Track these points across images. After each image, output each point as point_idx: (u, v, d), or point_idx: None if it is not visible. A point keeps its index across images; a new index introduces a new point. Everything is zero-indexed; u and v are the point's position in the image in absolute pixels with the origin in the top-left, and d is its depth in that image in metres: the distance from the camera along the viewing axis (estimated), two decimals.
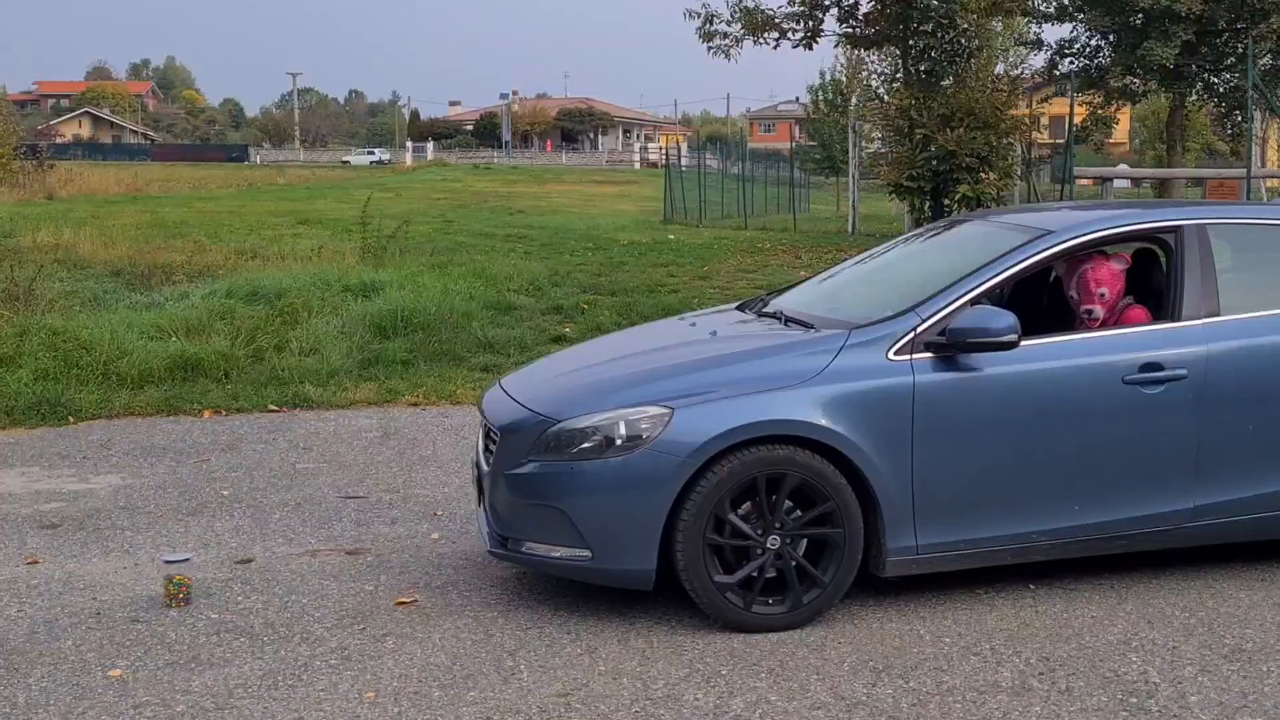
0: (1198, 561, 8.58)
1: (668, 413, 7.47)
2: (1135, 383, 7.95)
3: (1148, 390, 7.96)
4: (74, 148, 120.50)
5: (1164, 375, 7.98)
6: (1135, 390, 7.95)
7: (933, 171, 32.77)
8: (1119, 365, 7.99)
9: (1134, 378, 7.95)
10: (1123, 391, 7.95)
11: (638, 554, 7.45)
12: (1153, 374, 7.97)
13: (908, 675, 6.94)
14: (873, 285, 9.39)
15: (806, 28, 37.34)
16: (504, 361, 15.83)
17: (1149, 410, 8.00)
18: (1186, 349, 8.09)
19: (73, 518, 9.94)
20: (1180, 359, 8.05)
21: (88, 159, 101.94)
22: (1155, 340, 8.12)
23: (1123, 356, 8.01)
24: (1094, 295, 8.36)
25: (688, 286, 23.79)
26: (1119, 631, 7.57)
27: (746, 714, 6.47)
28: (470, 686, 6.80)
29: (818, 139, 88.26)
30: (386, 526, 9.72)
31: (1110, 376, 7.97)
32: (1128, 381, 7.94)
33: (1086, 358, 8.03)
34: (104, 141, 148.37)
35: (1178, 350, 8.08)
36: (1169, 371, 7.99)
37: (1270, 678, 6.91)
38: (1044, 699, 6.65)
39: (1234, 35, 40.34)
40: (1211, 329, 8.17)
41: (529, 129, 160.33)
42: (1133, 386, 7.95)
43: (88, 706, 6.57)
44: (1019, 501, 7.87)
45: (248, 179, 78.87)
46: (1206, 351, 8.10)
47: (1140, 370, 7.97)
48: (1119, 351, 8.04)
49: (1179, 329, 8.18)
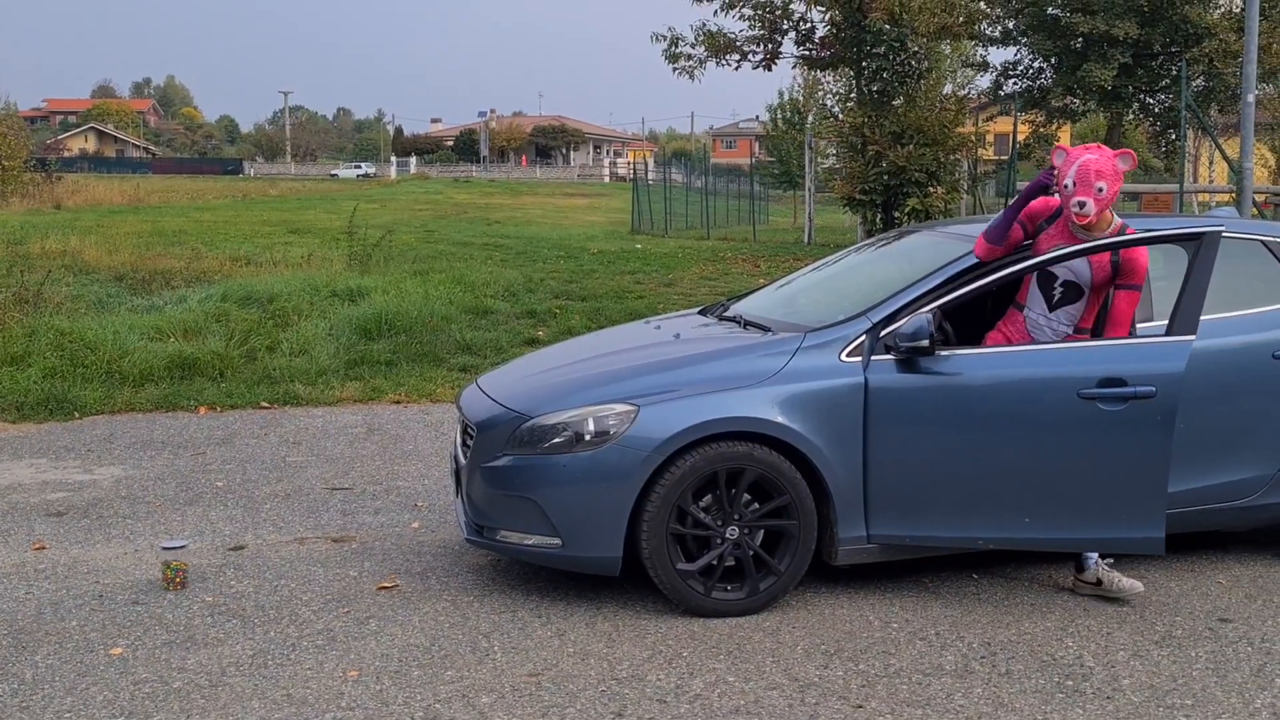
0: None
1: (634, 410, 7.48)
2: (1091, 398, 7.48)
3: (1108, 407, 7.52)
4: (80, 161, 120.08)
5: (1125, 392, 7.45)
6: (1093, 406, 7.52)
7: (884, 186, 32.80)
8: (1074, 376, 7.56)
9: (1090, 392, 7.47)
10: (1074, 403, 7.52)
11: (605, 542, 7.45)
12: (1114, 389, 7.48)
13: (857, 658, 6.93)
14: (827, 291, 9.36)
15: (766, 50, 37.34)
16: (481, 362, 15.81)
17: (1109, 428, 7.55)
18: (1150, 365, 7.51)
19: (77, 506, 9.92)
20: (1145, 375, 7.50)
21: (93, 171, 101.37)
22: (1108, 354, 7.63)
23: (1076, 365, 7.62)
24: (1091, 187, 7.47)
25: (653, 293, 23.76)
26: (1056, 618, 7.58)
27: (706, 693, 6.46)
28: (447, 666, 6.78)
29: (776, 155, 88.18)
30: (370, 516, 9.70)
31: (1065, 389, 7.54)
32: (1084, 396, 7.50)
33: (1032, 368, 7.72)
34: (108, 155, 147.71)
35: (1142, 366, 7.53)
36: (1134, 388, 7.47)
37: (1198, 663, 6.92)
38: (985, 681, 6.65)
39: (1168, 59, 40.45)
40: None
41: (505, 145, 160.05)
42: (1089, 402, 7.49)
43: (90, 682, 6.55)
44: (967, 504, 7.66)
45: (242, 191, 78.55)
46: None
47: (1099, 385, 7.50)
48: (1074, 361, 7.69)
49: (1139, 345, 7.71)
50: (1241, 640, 7.25)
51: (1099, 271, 7.68)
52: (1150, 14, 38.64)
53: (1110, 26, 38.07)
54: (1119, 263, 7.64)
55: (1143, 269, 7.69)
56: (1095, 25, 38.49)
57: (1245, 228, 9.02)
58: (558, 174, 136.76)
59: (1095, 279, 7.69)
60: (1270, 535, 8.98)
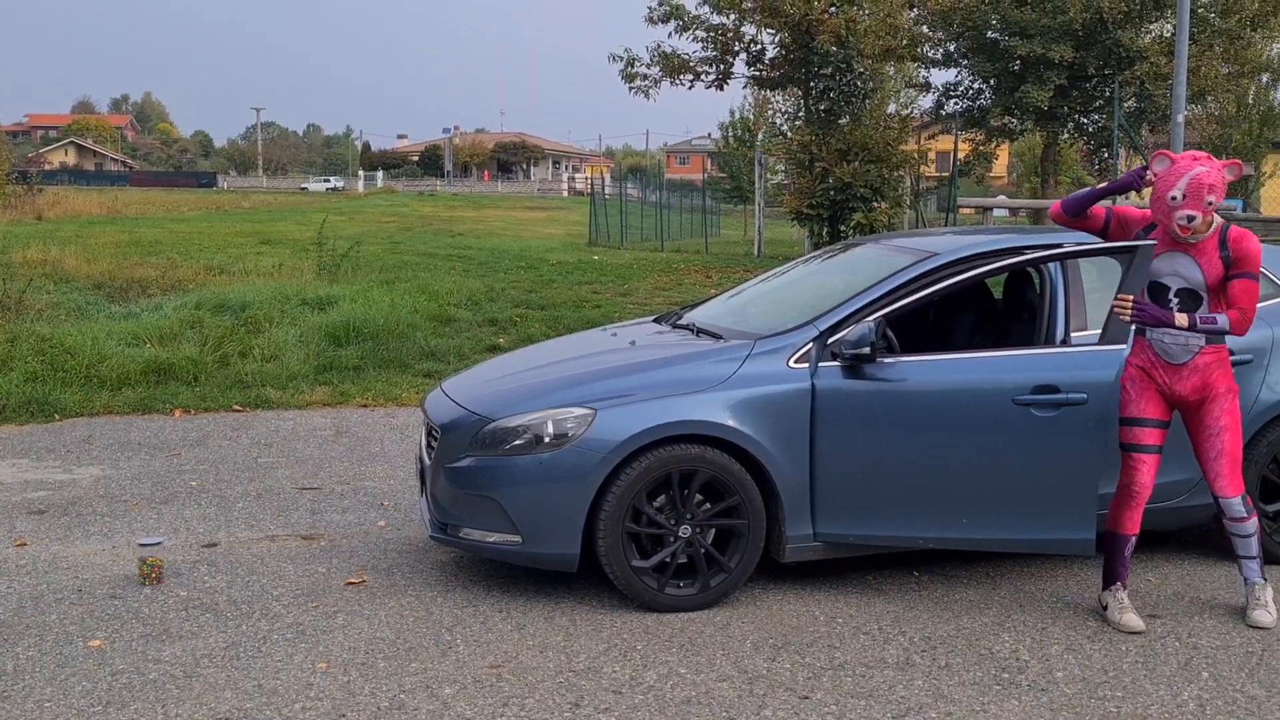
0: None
1: (591, 413, 7.49)
2: (1026, 403, 7.57)
3: (1041, 414, 7.57)
4: (61, 174, 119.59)
5: (1060, 398, 7.55)
6: (1028, 412, 7.58)
7: (830, 201, 32.83)
8: (1010, 383, 7.63)
9: (1025, 398, 7.57)
10: (1011, 409, 7.58)
11: (563, 540, 7.45)
12: (1048, 396, 7.57)
13: (804, 651, 6.95)
14: (776, 301, 9.36)
15: (718, 71, 37.32)
16: (445, 368, 15.75)
17: (1044, 433, 7.60)
18: (1084, 373, 7.63)
19: (57, 505, 9.87)
20: (1078, 382, 7.60)
21: (73, 184, 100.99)
22: (1042, 363, 7.74)
23: (1012, 373, 7.69)
24: (1201, 201, 7.07)
25: (610, 302, 23.75)
26: (994, 614, 7.61)
27: (659, 685, 6.46)
28: (412, 658, 6.77)
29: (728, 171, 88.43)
30: (338, 515, 9.68)
31: (1000, 395, 7.62)
32: (1019, 403, 7.57)
33: (974, 374, 7.76)
34: (88, 168, 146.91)
35: (1075, 374, 7.64)
36: (1066, 395, 7.57)
37: (1128, 656, 6.95)
38: (926, 674, 6.67)
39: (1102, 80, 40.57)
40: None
41: (469, 160, 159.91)
42: (1024, 408, 7.57)
43: (70, 673, 6.52)
44: (909, 503, 7.69)
45: (216, 203, 78.34)
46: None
47: (1033, 392, 7.59)
48: (1009, 369, 7.72)
49: (1070, 353, 7.81)
50: (1169, 635, 7.28)
51: (1211, 271, 7.26)
52: (1085, 38, 38.78)
53: (1047, 50, 38.20)
54: (1229, 257, 7.23)
55: (1255, 255, 7.25)
56: (1032, 49, 38.63)
57: None
58: (518, 188, 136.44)
59: (1209, 280, 7.27)
60: (1197, 535, 9.02)
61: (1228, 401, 7.36)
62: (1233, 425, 7.36)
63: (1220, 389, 7.35)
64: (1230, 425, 7.35)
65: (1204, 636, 7.27)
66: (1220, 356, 7.39)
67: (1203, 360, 7.34)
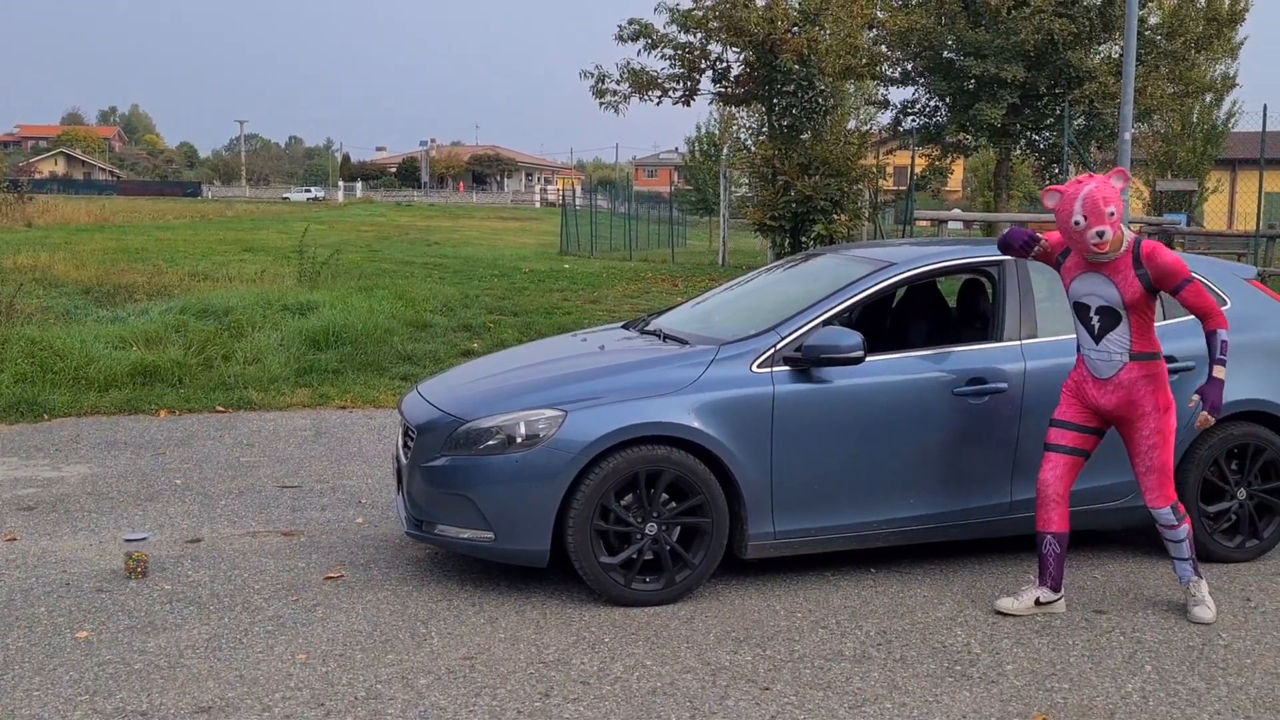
0: (1014, 550, 8.66)
1: (562, 415, 7.50)
2: (963, 394, 8.03)
3: (973, 400, 8.05)
4: (50, 183, 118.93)
5: (987, 388, 8.08)
6: (963, 400, 8.03)
7: (792, 213, 32.90)
8: (949, 379, 8.06)
9: (963, 390, 8.03)
10: (952, 401, 8.03)
11: (534, 536, 7.46)
12: (978, 386, 8.06)
13: (764, 645, 6.96)
14: (740, 308, 9.38)
15: (685, 87, 37.26)
16: (421, 371, 15.74)
17: (974, 417, 8.10)
18: (1007, 365, 8.19)
19: (46, 501, 9.84)
20: (1001, 374, 8.16)
21: (62, 193, 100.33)
22: (981, 358, 8.22)
23: (953, 371, 8.08)
24: (1103, 215, 7.05)
25: (580, 308, 23.74)
26: (947, 609, 7.63)
27: (626, 676, 6.48)
28: (388, 650, 6.78)
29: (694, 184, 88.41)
30: (318, 512, 9.67)
31: (942, 389, 8.04)
32: (957, 393, 8.02)
33: (921, 373, 8.08)
34: (76, 178, 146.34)
35: (999, 366, 8.18)
36: (992, 385, 8.09)
37: (1075, 650, 6.98)
38: (881, 666, 6.69)
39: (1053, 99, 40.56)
40: (1029, 348, 8.27)
41: (445, 172, 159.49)
42: (961, 398, 8.03)
43: (58, 664, 6.51)
44: (862, 495, 7.94)
45: (201, 212, 78.09)
46: (1024, 368, 8.19)
47: (968, 383, 8.05)
48: (950, 367, 8.10)
49: (1001, 348, 8.26)
50: (1114, 630, 7.32)
51: (1127, 288, 7.23)
52: (1036, 58, 38.83)
53: (1000, 70, 38.25)
54: (1148, 275, 7.19)
55: (1175, 263, 7.19)
56: (986, 68, 38.67)
57: None
58: (493, 199, 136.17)
59: (1126, 297, 7.24)
60: (1140, 534, 9.07)
61: (1156, 420, 7.36)
62: (1162, 442, 7.37)
63: (1147, 407, 7.35)
64: (1159, 443, 7.37)
65: (1148, 631, 7.30)
66: (1149, 372, 7.37)
67: (1127, 376, 7.36)
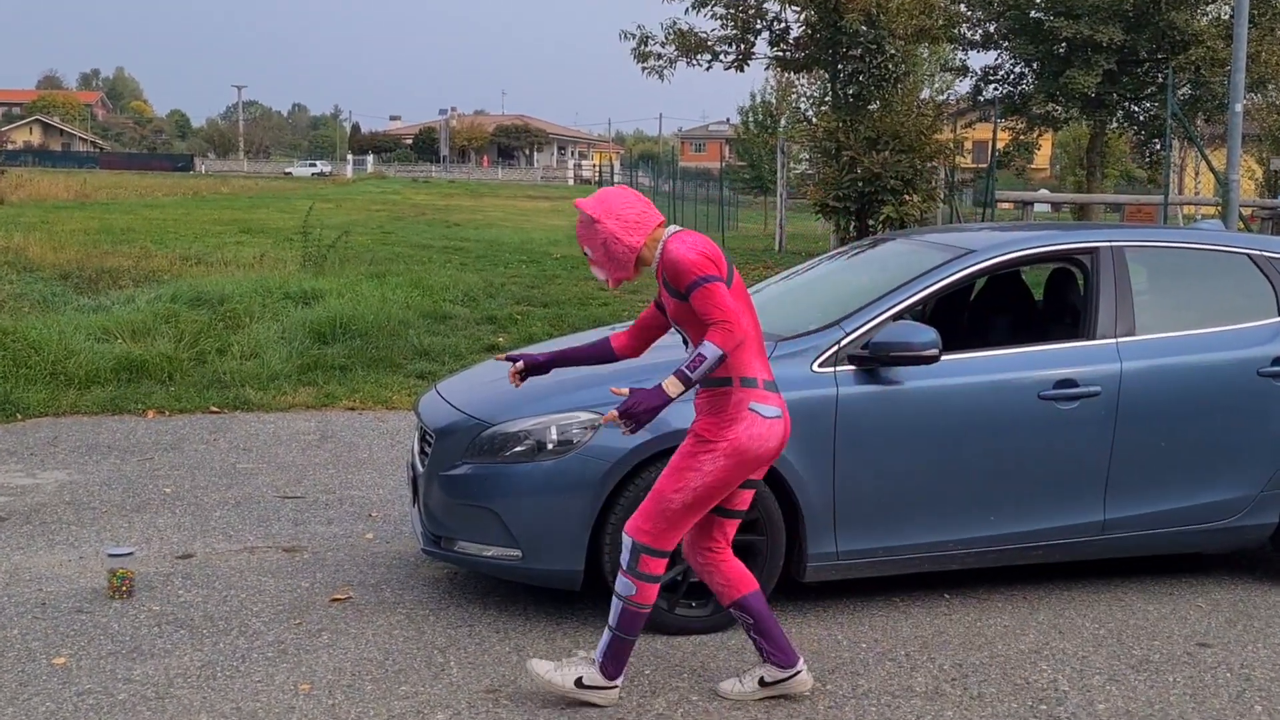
0: (1107, 574, 8.64)
1: (598, 419, 7.49)
2: (1050, 399, 7.99)
3: (1062, 406, 8.01)
4: (24, 154, 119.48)
5: (1078, 392, 8.03)
6: (1050, 406, 7.99)
7: (858, 193, 32.75)
8: (1034, 381, 8.02)
9: (1049, 394, 7.98)
10: (1038, 406, 7.99)
11: (566, 555, 7.46)
12: (1067, 390, 8.03)
13: (825, 679, 6.95)
14: (799, 300, 9.34)
15: (738, 50, 37.19)
16: (439, 369, 15.79)
17: (1063, 425, 8.05)
18: (1100, 367, 8.15)
19: (20, 512, 9.90)
20: (1094, 376, 8.11)
21: (38, 165, 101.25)
22: (1071, 358, 8.19)
23: (1038, 373, 8.04)
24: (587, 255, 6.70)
25: (618, 299, 23.71)
26: (1030, 641, 7.62)
27: (669, 713, 6.48)
28: (402, 681, 6.80)
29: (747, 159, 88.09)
30: (323, 526, 9.70)
31: (1026, 392, 8.00)
32: (1043, 397, 7.98)
33: (1003, 373, 8.06)
34: (54, 149, 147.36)
35: (1092, 368, 8.14)
36: (1083, 388, 8.05)
37: (1175, 688, 6.95)
38: (956, 704, 6.68)
39: (1154, 65, 40.48)
40: (1125, 348, 8.23)
41: (466, 144, 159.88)
42: (1048, 402, 7.99)
43: (32, 693, 6.55)
44: (935, 511, 7.90)
45: (193, 188, 78.32)
46: (1120, 370, 8.15)
47: (1055, 386, 8.02)
48: (1035, 368, 8.06)
49: (1094, 347, 8.22)
50: (1220, 666, 7.29)
51: (668, 303, 6.62)
52: (1136, 19, 38.76)
53: (1094, 31, 38.14)
54: (669, 280, 6.44)
55: (685, 260, 6.24)
56: (1079, 30, 38.57)
57: (1232, 241, 9.11)
58: (520, 175, 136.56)
59: (672, 314, 6.62)
60: (1250, 558, 9.04)
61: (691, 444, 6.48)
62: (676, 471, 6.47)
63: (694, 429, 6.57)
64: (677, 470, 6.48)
65: (1258, 667, 7.28)
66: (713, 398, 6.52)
67: (699, 400, 6.66)
